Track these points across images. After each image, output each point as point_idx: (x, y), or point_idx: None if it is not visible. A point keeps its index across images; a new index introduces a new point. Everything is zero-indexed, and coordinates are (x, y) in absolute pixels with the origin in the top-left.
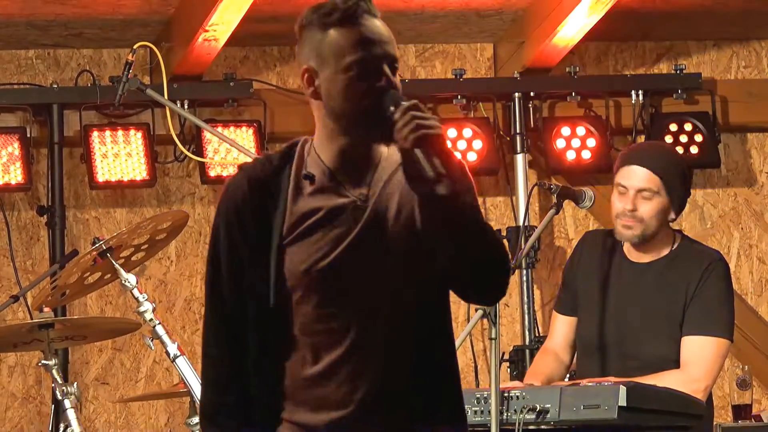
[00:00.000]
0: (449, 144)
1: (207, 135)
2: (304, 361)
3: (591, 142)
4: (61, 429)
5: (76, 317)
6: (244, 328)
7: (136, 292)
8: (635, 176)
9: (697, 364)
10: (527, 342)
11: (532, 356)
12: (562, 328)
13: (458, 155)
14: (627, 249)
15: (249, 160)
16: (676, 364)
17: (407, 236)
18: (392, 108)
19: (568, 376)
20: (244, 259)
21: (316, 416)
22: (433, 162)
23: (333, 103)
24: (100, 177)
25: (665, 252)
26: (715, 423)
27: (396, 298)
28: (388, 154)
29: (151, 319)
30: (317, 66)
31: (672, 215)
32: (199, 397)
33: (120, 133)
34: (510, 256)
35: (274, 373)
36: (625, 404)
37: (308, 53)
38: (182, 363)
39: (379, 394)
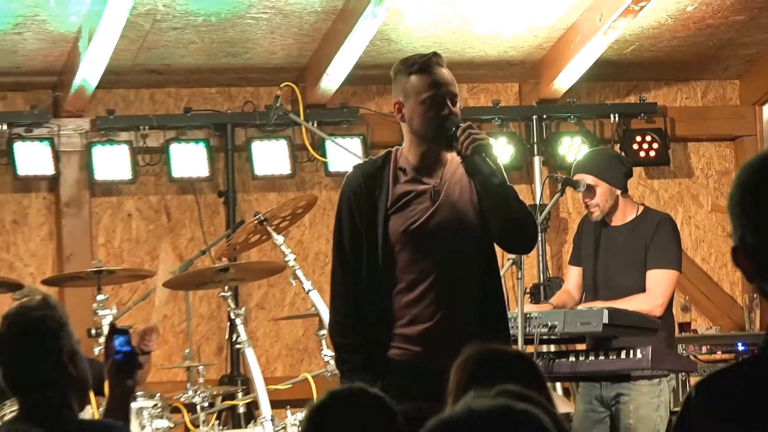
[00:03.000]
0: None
1: (329, 144)
2: (403, 291)
3: (584, 149)
4: (234, 338)
5: (243, 261)
6: (360, 272)
7: (283, 248)
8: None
9: (655, 289)
10: (541, 281)
11: (545, 290)
12: (573, 276)
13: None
14: (607, 219)
15: (358, 161)
16: (642, 290)
17: (466, 210)
18: (453, 128)
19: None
20: (359, 225)
21: (412, 328)
22: (488, 162)
23: (414, 125)
24: (258, 172)
25: (632, 217)
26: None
27: (461, 249)
28: (451, 158)
29: (293, 266)
30: (403, 100)
31: (618, 191)
32: (326, 317)
33: (272, 142)
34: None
35: (384, 301)
36: (607, 322)
37: (398, 91)
38: (314, 295)
39: (455, 312)
